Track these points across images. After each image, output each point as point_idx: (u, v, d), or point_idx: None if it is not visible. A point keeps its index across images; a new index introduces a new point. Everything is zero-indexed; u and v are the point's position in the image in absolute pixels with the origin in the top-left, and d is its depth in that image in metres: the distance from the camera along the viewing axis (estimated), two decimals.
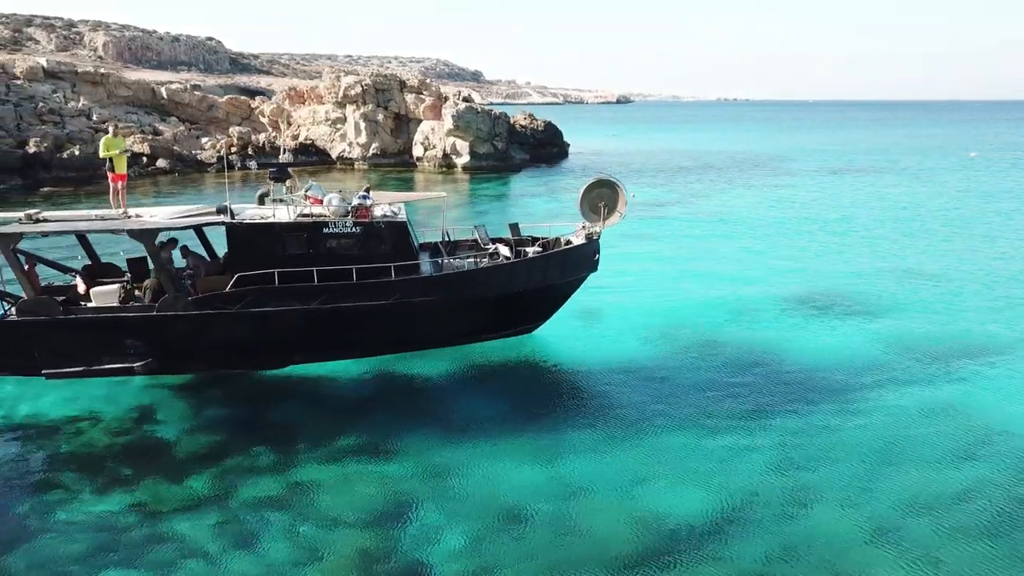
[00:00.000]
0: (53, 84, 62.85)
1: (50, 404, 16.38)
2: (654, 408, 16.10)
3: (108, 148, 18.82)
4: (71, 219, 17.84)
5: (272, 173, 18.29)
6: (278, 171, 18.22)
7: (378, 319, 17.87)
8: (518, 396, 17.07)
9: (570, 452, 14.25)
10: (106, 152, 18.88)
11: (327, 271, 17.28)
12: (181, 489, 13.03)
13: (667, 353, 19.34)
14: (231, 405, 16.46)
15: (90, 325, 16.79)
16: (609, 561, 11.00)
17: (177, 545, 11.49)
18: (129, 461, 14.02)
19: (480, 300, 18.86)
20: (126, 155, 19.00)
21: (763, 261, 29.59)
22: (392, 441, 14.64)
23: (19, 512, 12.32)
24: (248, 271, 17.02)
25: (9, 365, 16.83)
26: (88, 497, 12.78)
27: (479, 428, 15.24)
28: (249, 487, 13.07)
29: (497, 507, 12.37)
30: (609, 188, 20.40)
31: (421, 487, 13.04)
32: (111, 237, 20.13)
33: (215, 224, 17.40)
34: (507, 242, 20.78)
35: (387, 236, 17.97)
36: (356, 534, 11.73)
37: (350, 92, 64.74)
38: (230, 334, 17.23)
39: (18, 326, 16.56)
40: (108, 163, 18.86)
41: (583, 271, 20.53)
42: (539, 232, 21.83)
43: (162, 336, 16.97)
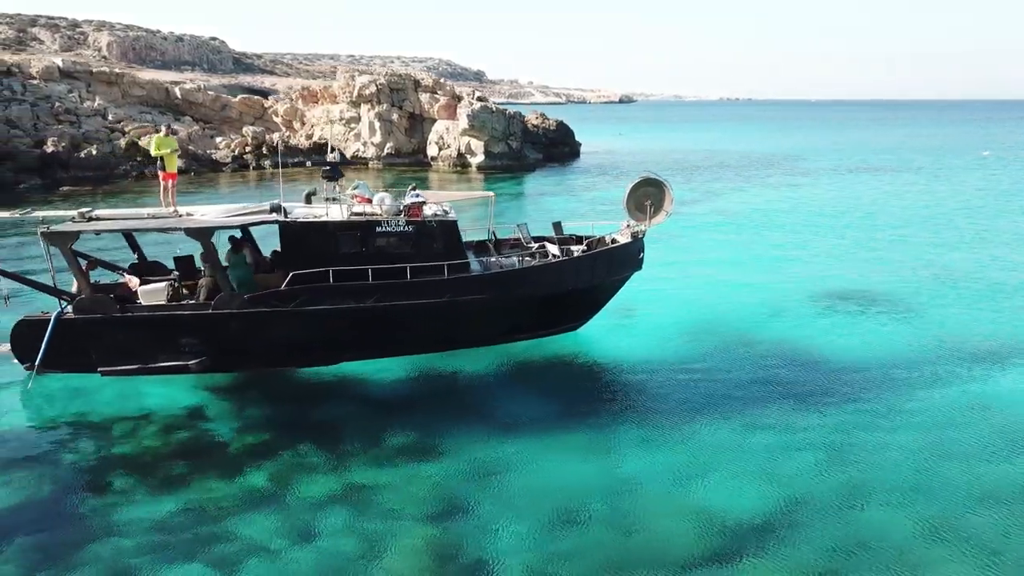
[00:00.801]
0: (68, 84, 62.85)
1: (102, 402, 16.36)
2: (698, 404, 16.14)
3: (159, 147, 18.83)
4: (124, 217, 17.86)
5: (325, 172, 18.30)
6: (331, 170, 18.22)
7: (430, 317, 17.89)
8: (563, 393, 17.11)
9: (619, 449, 14.27)
10: (157, 151, 18.90)
11: (379, 270, 17.31)
12: (236, 488, 13.02)
13: (707, 350, 19.35)
14: (276, 403, 16.44)
15: (146, 323, 16.80)
16: (668, 557, 10.99)
17: (237, 544, 11.45)
18: (182, 460, 14.01)
19: (529, 299, 18.88)
20: (176, 154, 18.96)
21: (794, 259, 29.60)
22: (439, 439, 14.64)
23: (80, 512, 12.29)
24: (301, 269, 17.04)
25: (66, 363, 16.81)
26: (145, 496, 12.75)
27: (526, 425, 15.25)
28: (303, 485, 13.06)
29: (551, 504, 12.37)
30: (655, 187, 20.45)
31: (473, 485, 13.03)
32: (157, 235, 20.13)
33: (269, 222, 17.38)
34: (551, 241, 20.81)
35: (438, 235, 17.99)
36: (414, 531, 11.73)
37: (364, 92, 64.76)
38: (285, 332, 17.24)
39: (75, 324, 16.57)
40: (159, 162, 18.84)
41: (629, 270, 20.55)
42: (580, 231, 21.86)
43: (217, 334, 16.98)
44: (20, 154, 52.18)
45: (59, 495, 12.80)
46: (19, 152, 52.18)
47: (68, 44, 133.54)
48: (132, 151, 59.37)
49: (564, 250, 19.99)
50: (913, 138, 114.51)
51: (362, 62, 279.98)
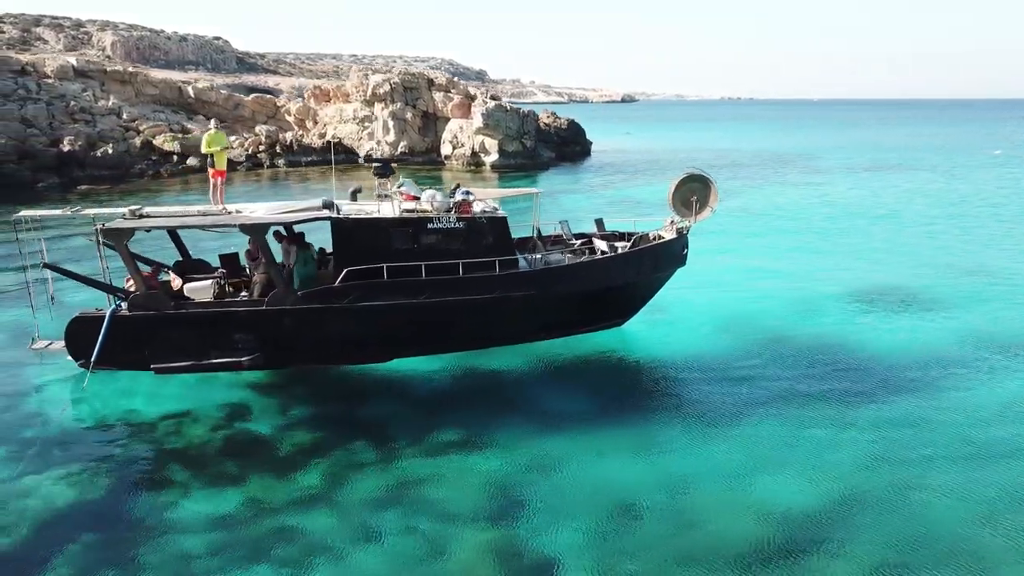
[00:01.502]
0: (83, 83, 62.77)
1: (154, 399, 16.34)
2: (741, 401, 16.15)
3: (210, 144, 18.74)
4: (175, 215, 17.80)
5: (376, 169, 18.27)
6: (382, 167, 18.20)
7: (482, 313, 17.89)
8: (607, 389, 17.12)
9: (667, 445, 14.27)
10: (207, 148, 18.81)
11: (432, 266, 17.30)
12: (291, 486, 12.98)
13: (745, 347, 19.34)
14: (320, 401, 16.40)
15: (200, 320, 16.77)
16: (729, 554, 10.97)
17: (298, 543, 11.39)
18: (235, 457, 13.98)
19: (579, 294, 18.87)
20: (226, 151, 18.91)
21: (824, 256, 29.61)
22: (487, 435, 14.62)
23: (138, 512, 12.23)
24: (353, 266, 17.01)
25: (120, 360, 16.77)
26: (201, 495, 12.71)
27: (573, 422, 15.23)
28: (358, 483, 13.03)
29: (607, 501, 12.34)
30: (701, 183, 20.43)
31: (527, 481, 13.01)
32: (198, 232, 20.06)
33: (322, 219, 17.33)
34: (598, 237, 20.82)
35: (488, 231, 17.98)
36: (474, 529, 11.69)
37: (378, 90, 64.72)
38: (339, 328, 17.21)
39: (130, 321, 16.53)
40: (208, 159, 18.77)
41: (674, 266, 20.55)
42: (621, 228, 21.84)
43: (271, 330, 16.95)
44: (37, 153, 52.16)
45: (117, 494, 12.77)
46: (36, 151, 52.15)
47: (72, 44, 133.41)
48: (147, 150, 59.37)
49: (611, 246, 19.96)
50: (919, 137, 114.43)
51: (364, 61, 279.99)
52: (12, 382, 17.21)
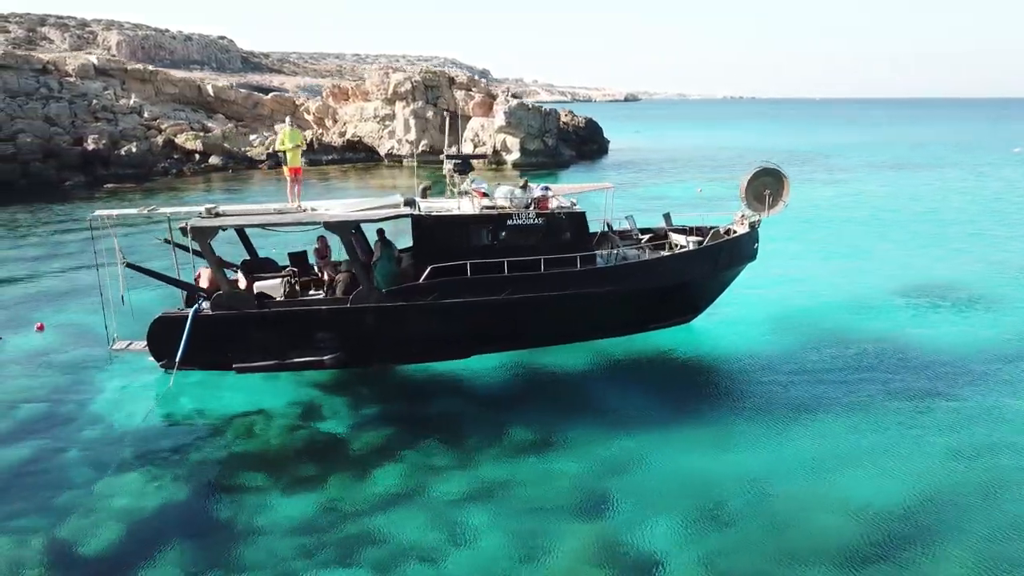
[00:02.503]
0: (104, 81, 62.54)
1: (232, 399, 16.19)
2: (810, 396, 16.07)
3: (286, 141, 18.48)
4: (251, 212, 17.58)
5: (456, 166, 18.07)
6: (462, 164, 18.00)
7: (564, 309, 17.73)
8: (673, 386, 17.04)
9: (741, 443, 14.16)
10: (281, 145, 18.59)
11: (513, 262, 17.15)
12: (371, 486, 12.81)
13: (808, 343, 19.23)
14: (387, 399, 16.24)
15: (284, 318, 16.57)
16: (819, 549, 10.89)
17: (384, 544, 11.24)
18: (313, 457, 13.82)
19: (658, 290, 18.72)
20: (300, 149, 18.68)
21: (873, 254, 29.42)
22: (559, 434, 14.48)
23: (222, 513, 12.08)
24: (433, 263, 16.84)
25: (202, 360, 16.55)
26: (283, 496, 12.54)
27: (643, 419, 15.11)
28: (436, 482, 12.88)
29: (691, 498, 12.23)
30: (774, 177, 20.29)
31: (606, 479, 12.88)
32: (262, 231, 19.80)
33: (404, 216, 17.14)
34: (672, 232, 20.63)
35: (567, 227, 17.84)
36: (559, 528, 11.54)
37: (400, 89, 64.50)
38: (422, 326, 17.02)
39: (214, 320, 16.32)
40: (283, 156, 18.55)
41: (746, 260, 20.39)
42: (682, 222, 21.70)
43: (354, 329, 16.76)
44: (62, 152, 51.95)
45: (204, 495, 12.63)
46: (61, 150, 51.94)
47: (77, 43, 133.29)
48: (169, 148, 59.16)
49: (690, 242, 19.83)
50: (932, 135, 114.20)
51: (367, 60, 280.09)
52: (97, 384, 17.02)
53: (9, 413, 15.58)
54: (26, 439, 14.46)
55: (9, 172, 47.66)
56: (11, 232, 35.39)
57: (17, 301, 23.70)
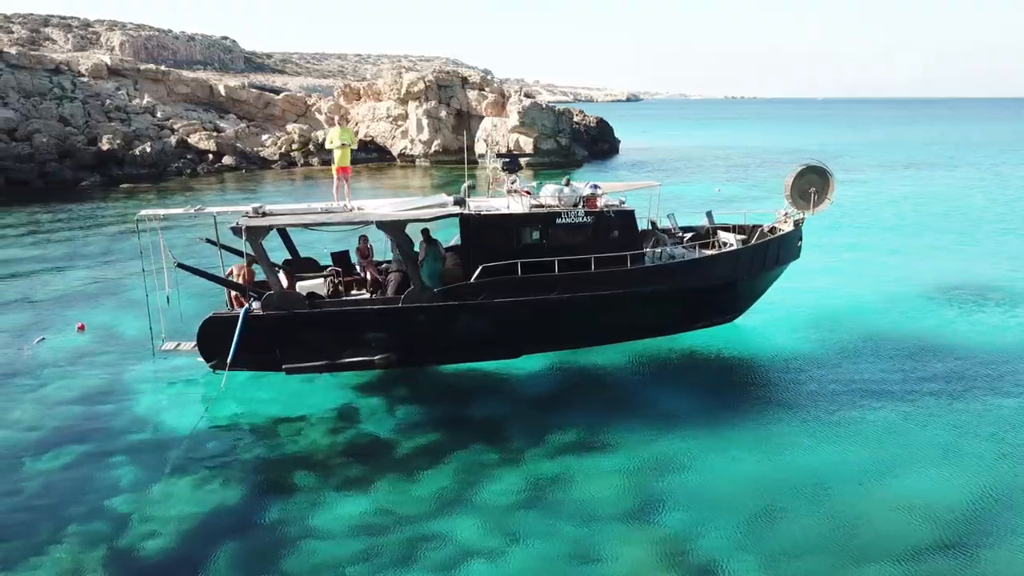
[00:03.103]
0: (116, 81, 62.40)
1: (278, 400, 16.05)
2: (856, 396, 15.97)
3: (339, 139, 18.27)
4: (300, 212, 17.41)
5: (505, 164, 17.92)
6: (511, 162, 17.84)
7: (615, 308, 17.60)
8: (717, 386, 16.91)
9: (791, 441, 14.04)
10: (330, 144, 18.42)
11: (563, 261, 17.02)
12: (421, 488, 12.65)
13: (849, 342, 19.11)
14: (430, 400, 16.07)
15: (335, 318, 16.41)
16: (880, 549, 10.77)
17: (440, 546, 11.08)
18: (361, 459, 13.66)
19: (708, 289, 18.62)
20: (350, 148, 18.51)
21: (907, 253, 29.28)
22: (605, 434, 14.34)
23: (274, 515, 11.91)
24: (483, 262, 16.70)
25: (251, 360, 16.37)
26: (333, 498, 12.38)
27: (689, 419, 14.98)
28: (486, 483, 12.72)
29: (745, 499, 12.09)
30: (819, 174, 20.13)
31: (657, 480, 12.74)
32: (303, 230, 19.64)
33: (454, 215, 16.98)
34: (708, 230, 20.51)
35: (616, 225, 17.68)
36: (616, 528, 11.41)
37: (413, 89, 64.32)
38: (474, 325, 16.87)
39: (264, 320, 16.16)
40: (332, 155, 18.38)
41: (791, 258, 20.26)
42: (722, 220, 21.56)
43: (405, 329, 16.60)
44: (77, 152, 51.78)
45: (254, 499, 12.47)
46: (77, 150, 51.76)
47: (81, 44, 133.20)
48: (182, 148, 59.00)
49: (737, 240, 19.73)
50: (939, 134, 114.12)
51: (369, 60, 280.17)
52: (143, 386, 16.87)
53: (54, 415, 15.40)
54: (74, 442, 14.26)
55: (27, 172, 47.53)
56: (36, 232, 35.24)
57: (53, 301, 23.56)
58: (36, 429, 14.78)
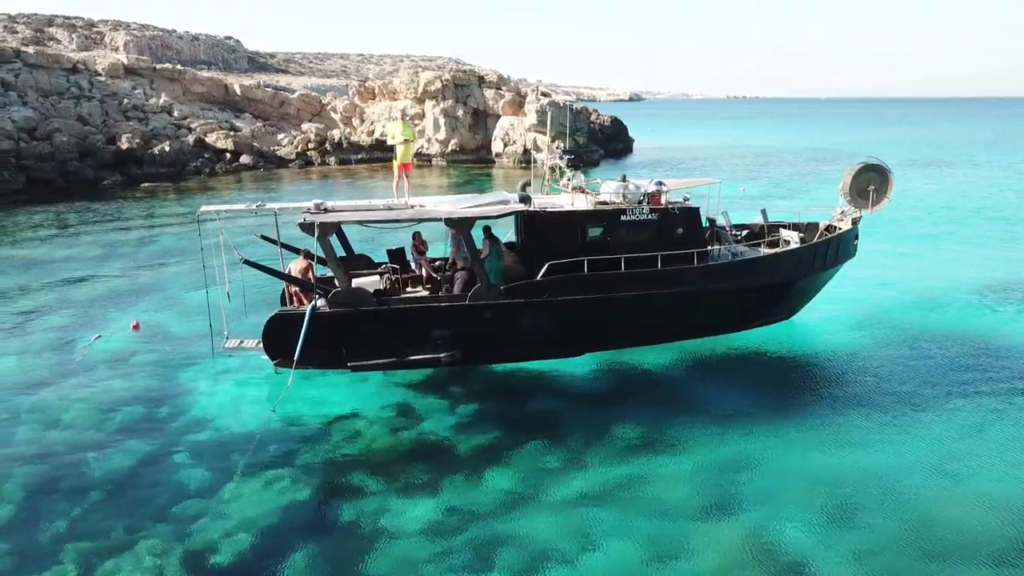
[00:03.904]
0: (133, 81, 62.20)
1: (340, 398, 15.91)
2: (919, 392, 15.96)
3: (397, 135, 18.06)
4: (364, 209, 17.22)
5: (572, 161, 17.72)
6: (576, 158, 17.63)
7: (680, 306, 17.45)
8: (776, 383, 16.82)
9: (859, 438, 13.97)
10: (393, 140, 18.20)
11: (629, 259, 16.86)
12: (485, 487, 12.54)
13: (906, 339, 19.06)
14: (485, 399, 15.90)
15: (402, 316, 16.23)
16: (971, 547, 10.69)
17: (508, 546, 10.99)
18: (422, 459, 13.54)
19: (770, 287, 18.48)
20: (412, 144, 18.30)
21: (945, 252, 29.17)
22: (665, 432, 14.25)
23: (346, 519, 11.75)
24: (548, 259, 16.52)
25: (316, 357, 16.18)
26: (401, 498, 12.25)
27: (751, 417, 14.89)
28: (551, 483, 12.62)
29: (820, 496, 12.01)
30: (878, 173, 19.99)
31: (724, 478, 12.64)
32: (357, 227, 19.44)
33: (520, 212, 16.80)
34: (762, 228, 20.37)
35: (681, 222, 17.50)
36: (691, 526, 11.33)
37: (430, 88, 64.11)
38: (539, 323, 16.70)
39: (330, 318, 15.97)
40: (393, 150, 18.18)
41: (849, 257, 20.11)
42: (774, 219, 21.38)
43: (471, 326, 16.42)
44: (96, 150, 51.55)
45: (322, 498, 12.35)
46: (97, 149, 51.54)
47: (85, 44, 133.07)
48: (199, 147, 58.78)
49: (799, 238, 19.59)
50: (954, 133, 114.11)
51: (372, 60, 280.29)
52: (204, 384, 16.71)
53: (116, 415, 15.21)
54: (138, 443, 14.06)
55: (48, 171, 47.30)
56: (70, 231, 35.08)
57: (101, 299, 23.39)
58: (99, 430, 14.61)
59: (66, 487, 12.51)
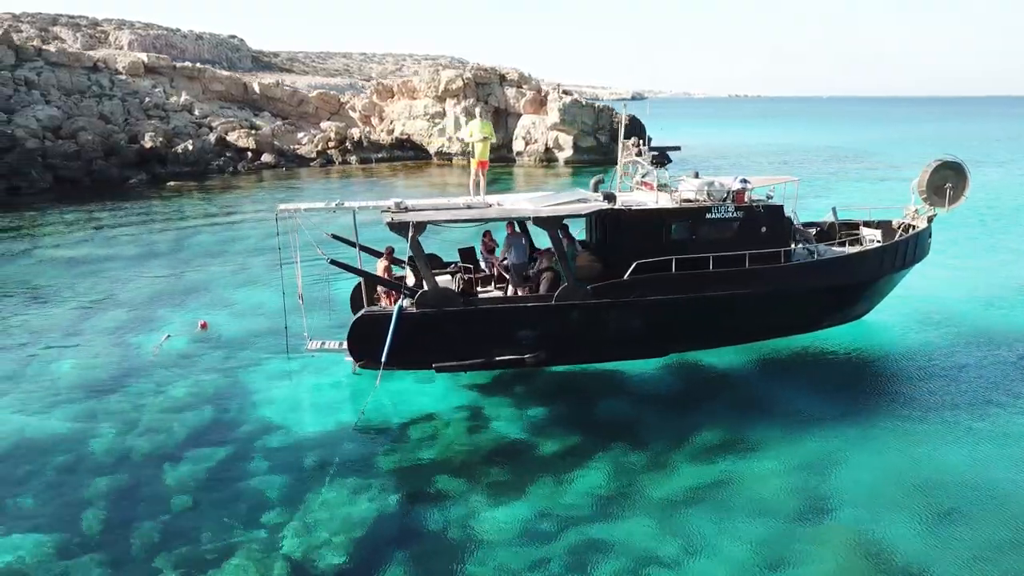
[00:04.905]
0: (153, 79, 61.85)
1: (422, 400, 15.66)
2: (1000, 391, 15.66)
3: (475, 133, 17.77)
4: (446, 207, 16.92)
5: (654, 158, 17.44)
6: (660, 156, 17.36)
7: (766, 306, 17.19)
8: (850, 384, 16.60)
9: (948, 438, 13.77)
10: (470, 137, 17.94)
11: (718, 258, 16.59)
12: (573, 490, 12.29)
13: (979, 339, 18.79)
14: (555, 400, 15.67)
15: (489, 316, 15.94)
16: None
17: (606, 551, 10.76)
18: (505, 461, 13.30)
19: (854, 285, 18.27)
20: (490, 142, 18.02)
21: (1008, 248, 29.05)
22: (747, 433, 14.01)
23: (436, 524, 11.48)
24: (637, 259, 16.23)
25: (401, 359, 15.83)
26: (489, 502, 12.00)
27: (831, 417, 14.66)
28: (637, 485, 12.39)
29: (917, 498, 11.80)
30: (954, 170, 19.72)
31: (816, 479, 12.45)
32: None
33: (605, 210, 16.49)
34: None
35: (766, 220, 17.22)
36: (786, 530, 11.10)
37: (451, 87, 63.78)
38: (626, 323, 16.41)
39: (417, 318, 15.66)
40: (471, 148, 17.89)
41: (924, 255, 19.86)
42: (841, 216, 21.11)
43: (558, 327, 16.13)
44: (120, 149, 51.21)
45: (410, 503, 12.08)
46: (120, 147, 51.20)
47: (89, 43, 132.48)
48: (220, 146, 58.45)
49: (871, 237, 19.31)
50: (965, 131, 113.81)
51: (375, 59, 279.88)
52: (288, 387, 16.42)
53: (190, 419, 14.86)
54: (216, 447, 13.75)
55: (75, 170, 46.96)
56: (103, 231, 34.81)
57: (151, 300, 23.04)
58: (176, 434, 14.27)
59: (149, 495, 12.21)
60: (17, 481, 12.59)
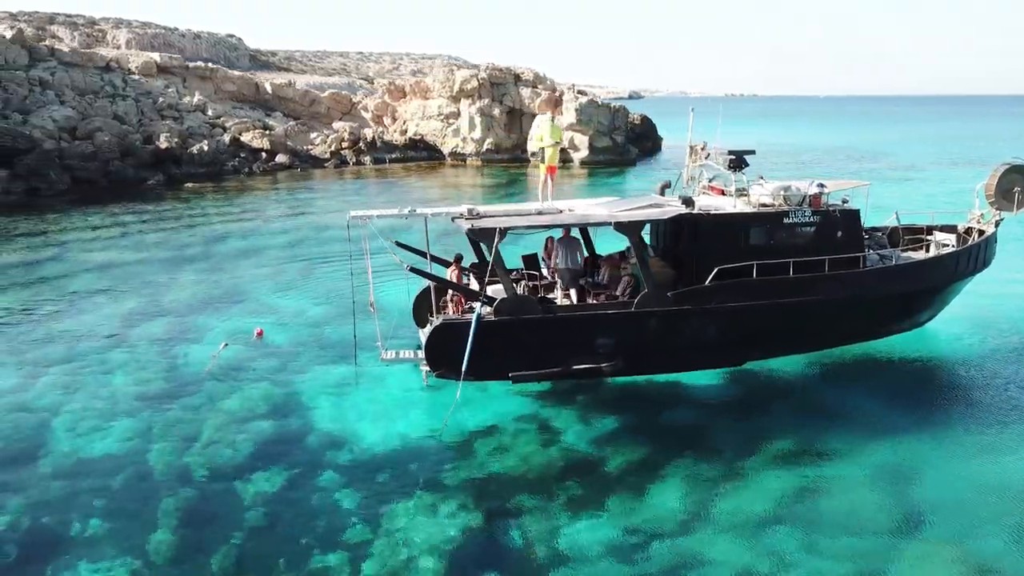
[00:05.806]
0: (165, 79, 61.26)
1: (492, 410, 15.28)
2: None
3: (545, 137, 17.37)
4: (519, 213, 16.56)
5: (731, 162, 17.09)
6: (737, 159, 17.00)
7: (845, 312, 16.92)
8: (915, 390, 16.36)
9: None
10: (541, 141, 17.56)
11: (799, 263, 16.29)
12: (653, 503, 12.02)
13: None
14: (619, 410, 15.29)
15: (569, 324, 15.57)
16: None
17: (698, 567, 10.46)
18: (579, 474, 12.96)
19: (928, 291, 18.02)
20: (558, 146, 17.62)
21: None
22: (819, 442, 13.76)
23: (520, 543, 11.10)
24: (718, 264, 15.89)
25: (477, 368, 15.38)
26: (569, 517, 11.68)
27: (905, 426, 14.41)
28: (716, 497, 12.14)
29: (1008, 510, 11.50)
30: (1022, 174, 19.38)
31: (901, 489, 12.21)
32: None
33: (683, 215, 16.13)
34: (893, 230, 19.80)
35: (841, 224, 16.93)
36: (882, 543, 10.83)
37: (466, 87, 63.34)
38: (706, 331, 16.08)
39: (495, 327, 15.27)
40: (541, 153, 17.52)
41: (991, 260, 19.58)
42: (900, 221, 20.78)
43: (636, 335, 15.77)
44: (136, 150, 50.62)
45: (490, 520, 11.72)
46: (136, 149, 50.61)
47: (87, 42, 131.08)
48: (235, 147, 57.90)
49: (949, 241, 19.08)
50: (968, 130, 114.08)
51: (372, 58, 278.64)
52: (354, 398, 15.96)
53: (254, 432, 14.35)
54: (283, 463, 13.23)
55: (92, 171, 46.36)
56: (130, 234, 34.27)
57: (194, 307, 22.51)
58: (241, 449, 13.76)
59: (220, 514, 11.72)
60: (81, 504, 11.96)
